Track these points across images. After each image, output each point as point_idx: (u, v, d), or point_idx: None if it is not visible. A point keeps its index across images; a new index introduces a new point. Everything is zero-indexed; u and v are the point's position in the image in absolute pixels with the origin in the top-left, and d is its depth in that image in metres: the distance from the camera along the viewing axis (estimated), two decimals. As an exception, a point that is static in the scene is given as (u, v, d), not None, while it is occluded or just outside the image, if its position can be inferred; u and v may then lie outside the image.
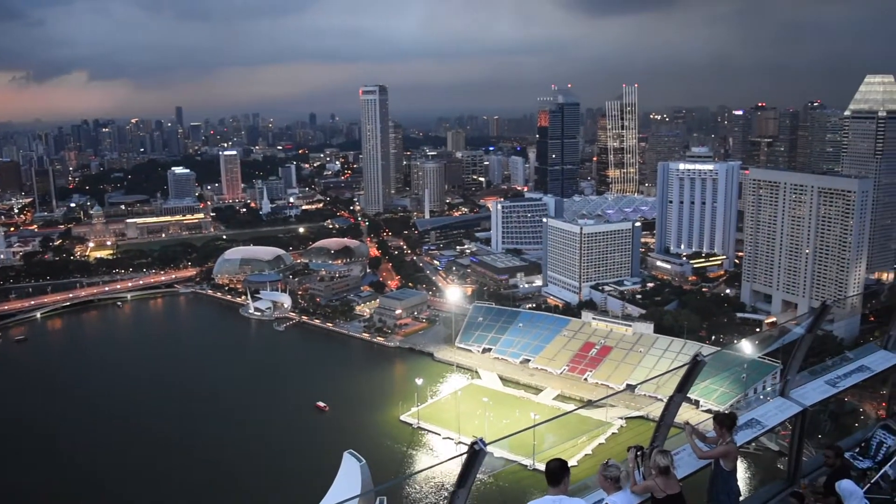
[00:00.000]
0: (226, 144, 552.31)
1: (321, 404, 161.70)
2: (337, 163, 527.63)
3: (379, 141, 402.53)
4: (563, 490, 11.05)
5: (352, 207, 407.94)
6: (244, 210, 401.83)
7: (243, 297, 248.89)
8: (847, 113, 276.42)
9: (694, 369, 12.04)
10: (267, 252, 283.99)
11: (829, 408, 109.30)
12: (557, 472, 11.16)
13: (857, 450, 15.19)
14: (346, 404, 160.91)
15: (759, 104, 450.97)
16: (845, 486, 12.95)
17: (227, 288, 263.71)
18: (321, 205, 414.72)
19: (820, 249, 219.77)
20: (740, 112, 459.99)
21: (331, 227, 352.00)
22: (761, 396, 15.39)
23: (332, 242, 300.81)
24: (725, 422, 12.69)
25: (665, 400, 13.03)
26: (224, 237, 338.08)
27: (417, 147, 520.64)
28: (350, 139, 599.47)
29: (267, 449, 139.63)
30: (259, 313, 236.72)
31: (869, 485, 13.86)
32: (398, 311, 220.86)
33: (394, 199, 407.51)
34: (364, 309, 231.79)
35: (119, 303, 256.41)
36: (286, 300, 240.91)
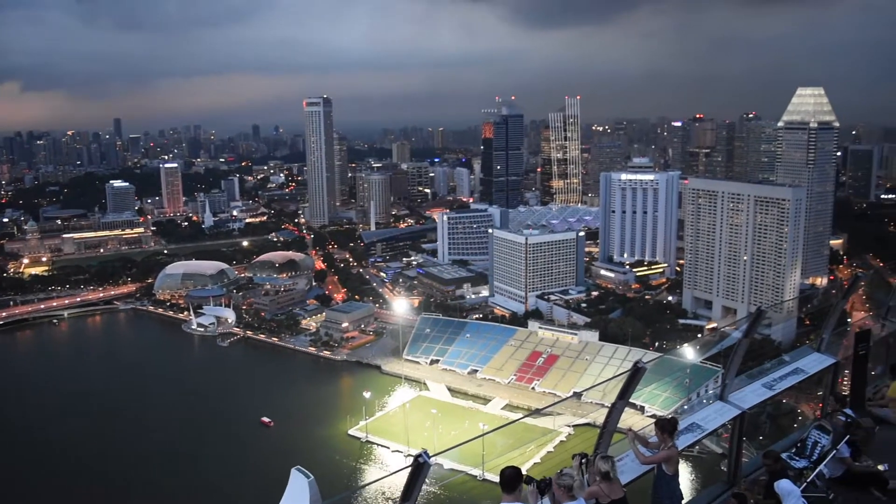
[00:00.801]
0: (166, 157, 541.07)
1: (266, 420, 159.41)
2: (281, 175, 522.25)
3: (323, 153, 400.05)
4: (518, 497, 11.09)
5: (296, 220, 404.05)
6: (186, 224, 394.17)
7: (186, 312, 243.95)
8: (780, 124, 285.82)
9: (635, 376, 12.25)
10: (210, 266, 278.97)
11: (767, 409, 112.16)
12: (513, 480, 11.17)
13: (794, 450, 15.60)
14: (293, 419, 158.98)
15: (697, 115, 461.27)
16: (783, 485, 13.29)
17: (168, 304, 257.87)
18: (265, 218, 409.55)
19: (757, 256, 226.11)
20: (679, 123, 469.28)
21: (275, 240, 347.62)
22: (703, 400, 15.76)
23: (277, 256, 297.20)
24: (667, 427, 12.94)
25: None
26: (165, 252, 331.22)
27: (362, 159, 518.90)
28: (294, 151, 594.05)
29: (211, 466, 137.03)
30: (202, 329, 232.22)
31: (805, 484, 14.24)
32: (345, 325, 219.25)
33: (339, 212, 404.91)
34: (310, 323, 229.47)
35: (55, 321, 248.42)
36: (230, 315, 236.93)
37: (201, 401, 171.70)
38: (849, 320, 25.09)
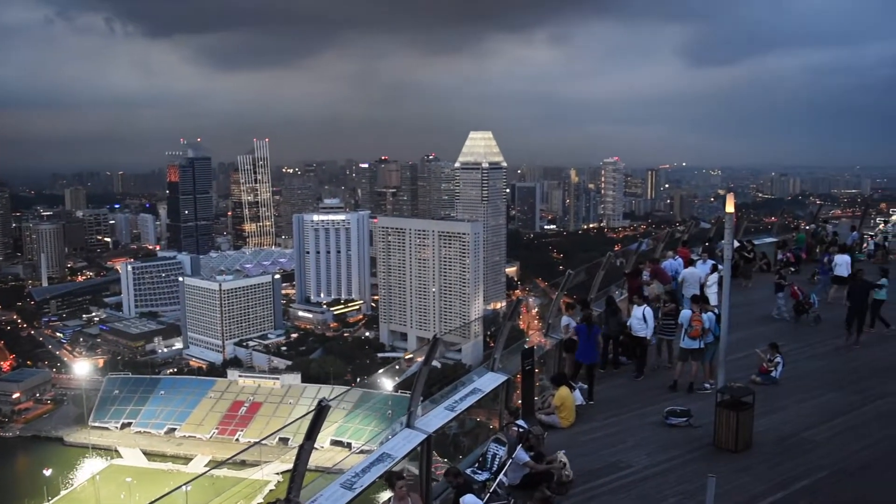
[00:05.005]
0: None
1: None
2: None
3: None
4: None
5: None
6: None
7: None
8: (457, 165, 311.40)
9: (320, 415, 12.27)
10: None
11: (453, 430, 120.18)
12: None
13: (477, 464, 16.83)
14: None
15: (383, 157, 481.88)
16: (468, 500, 14.20)
17: None
18: None
19: (444, 287, 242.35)
20: (366, 165, 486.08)
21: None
22: (395, 430, 16.31)
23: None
24: (391, 479, 13.38)
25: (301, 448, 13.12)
26: None
27: (29, 207, 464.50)
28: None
29: None
30: None
31: (489, 494, 15.35)
32: (16, 395, 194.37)
33: (2, 268, 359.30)
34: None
35: None
36: None
37: None
38: (526, 339, 27.74)
